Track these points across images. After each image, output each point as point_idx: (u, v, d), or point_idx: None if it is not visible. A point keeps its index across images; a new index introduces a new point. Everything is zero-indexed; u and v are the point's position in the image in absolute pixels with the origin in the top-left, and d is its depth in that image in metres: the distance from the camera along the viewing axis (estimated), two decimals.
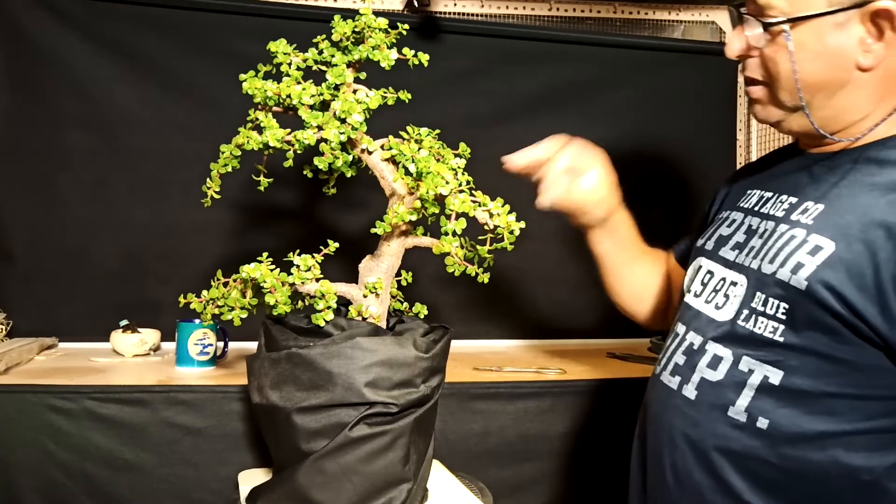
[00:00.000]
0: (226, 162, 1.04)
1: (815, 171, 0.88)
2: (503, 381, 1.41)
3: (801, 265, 0.80)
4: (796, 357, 0.81)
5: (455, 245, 0.96)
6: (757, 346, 0.83)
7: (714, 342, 0.88)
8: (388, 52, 1.01)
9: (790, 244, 0.83)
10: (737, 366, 0.85)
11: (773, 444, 0.81)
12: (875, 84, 0.83)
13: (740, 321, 0.86)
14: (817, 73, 0.83)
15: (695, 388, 0.88)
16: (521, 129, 1.90)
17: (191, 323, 1.42)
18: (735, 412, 0.84)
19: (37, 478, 1.22)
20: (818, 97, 0.84)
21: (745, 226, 0.93)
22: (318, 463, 0.94)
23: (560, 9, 1.95)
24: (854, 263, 0.76)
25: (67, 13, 1.64)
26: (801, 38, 0.82)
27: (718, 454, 0.85)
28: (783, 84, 0.85)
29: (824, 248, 0.79)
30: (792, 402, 0.81)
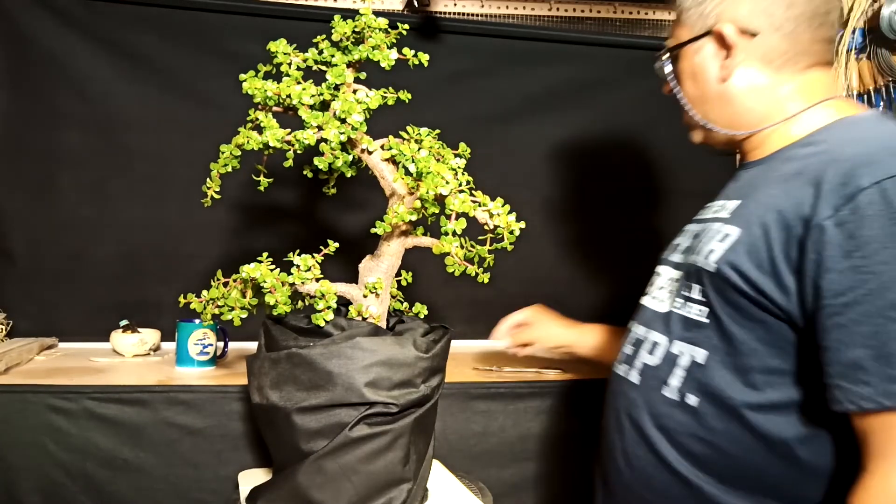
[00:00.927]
0: (226, 162, 1.04)
1: (742, 175, 1.02)
2: (503, 381, 1.41)
3: (712, 251, 0.91)
4: (716, 336, 0.89)
5: (455, 245, 0.96)
6: (686, 329, 0.93)
7: (654, 331, 0.99)
8: (388, 52, 1.01)
9: (709, 236, 0.94)
10: (670, 349, 0.95)
11: (700, 419, 0.90)
12: (747, 92, 0.98)
13: (674, 308, 0.97)
14: (695, 91, 1.02)
15: (638, 374, 0.99)
16: (521, 129, 1.91)
17: (191, 323, 1.42)
18: (669, 392, 0.93)
19: (37, 478, 1.22)
20: (709, 110, 1.01)
21: (690, 232, 1.04)
22: (318, 463, 0.94)
23: (560, 9, 1.95)
24: (752, 245, 0.86)
25: (67, 13, 1.64)
26: (677, 65, 1.03)
27: (655, 430, 0.94)
28: (684, 106, 1.04)
29: (731, 235, 0.90)
30: (715, 378, 0.89)
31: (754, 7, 0.94)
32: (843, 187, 0.80)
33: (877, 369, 0.77)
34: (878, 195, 0.78)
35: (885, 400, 0.76)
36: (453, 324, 1.09)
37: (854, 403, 0.78)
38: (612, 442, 1.01)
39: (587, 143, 1.91)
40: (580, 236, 1.95)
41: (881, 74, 1.52)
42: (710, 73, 0.99)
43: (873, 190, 0.78)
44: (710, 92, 1.00)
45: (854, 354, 0.78)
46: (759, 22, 0.94)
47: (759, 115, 0.98)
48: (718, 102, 1.00)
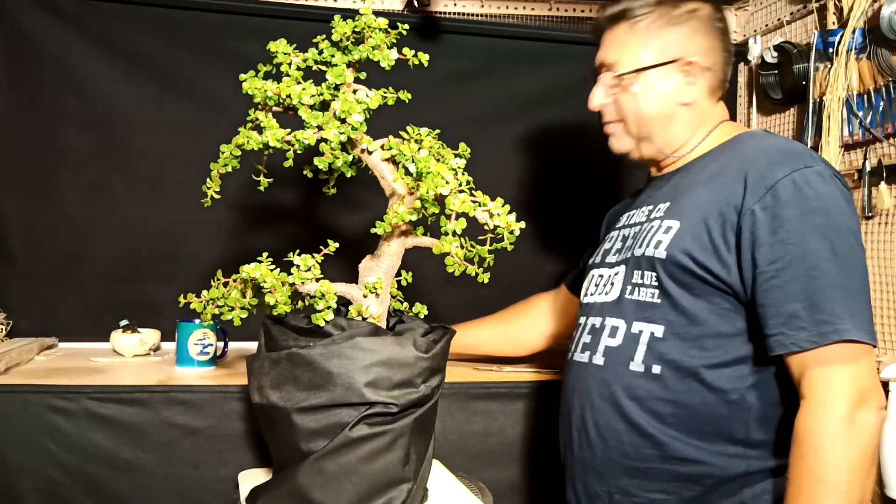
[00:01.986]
0: (226, 162, 1.04)
1: (659, 184, 1.22)
2: (503, 381, 1.41)
3: (660, 242, 1.09)
4: (671, 313, 1.07)
5: (455, 245, 0.96)
6: (641, 311, 1.10)
7: (610, 318, 1.15)
8: (388, 52, 1.01)
9: (650, 232, 1.13)
10: (629, 329, 1.11)
11: (665, 383, 1.06)
12: (692, 116, 1.18)
13: (626, 295, 1.13)
14: (653, 109, 1.17)
15: (602, 356, 1.13)
16: (521, 129, 1.91)
17: (191, 323, 1.42)
18: (635, 365, 1.09)
19: (37, 478, 1.22)
20: (656, 127, 1.18)
21: (620, 235, 1.24)
22: (318, 463, 0.94)
23: (560, 9, 1.95)
24: (694, 231, 1.06)
25: (67, 13, 1.64)
26: (641, 84, 1.17)
27: (628, 401, 1.09)
28: (631, 119, 1.19)
29: (673, 227, 1.09)
30: (674, 347, 1.06)
31: (708, 47, 1.17)
32: (763, 180, 1.02)
33: (809, 317, 0.97)
34: (790, 184, 1.00)
35: (819, 339, 0.96)
36: (453, 324, 1.09)
37: (796, 345, 0.97)
38: (581, 420, 1.14)
39: (587, 142, 1.91)
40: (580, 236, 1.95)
41: (881, 74, 1.52)
42: (672, 96, 1.17)
43: (786, 180, 1.01)
44: (665, 111, 1.17)
45: (790, 308, 0.98)
46: (712, 60, 1.18)
47: (689, 136, 1.19)
48: (667, 121, 1.18)
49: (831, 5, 1.65)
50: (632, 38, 1.18)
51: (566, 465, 1.20)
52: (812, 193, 1.00)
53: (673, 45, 1.16)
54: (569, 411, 1.18)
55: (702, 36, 1.17)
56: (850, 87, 1.57)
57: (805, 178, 1.01)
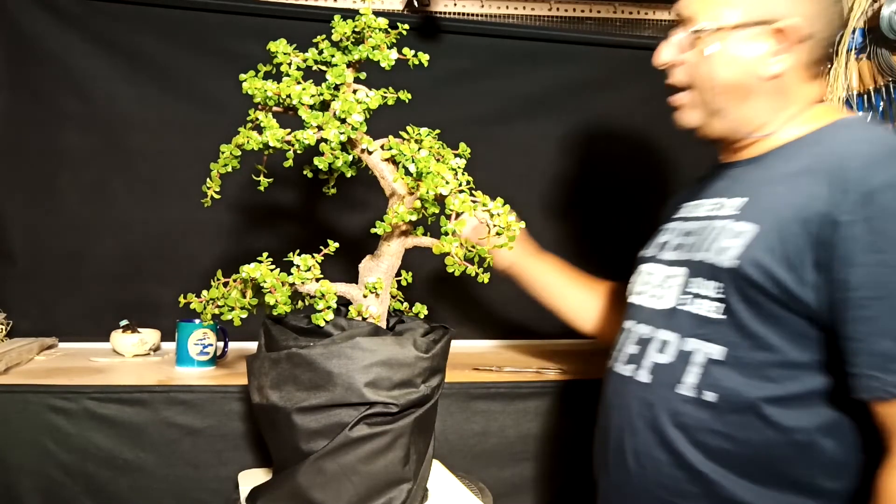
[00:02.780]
0: (226, 162, 1.04)
1: (733, 173, 1.03)
2: (503, 381, 1.41)
3: (727, 248, 0.92)
4: (733, 332, 0.91)
5: (455, 245, 0.96)
6: (698, 327, 0.94)
7: (661, 329, 0.99)
8: (388, 52, 1.01)
9: (717, 234, 0.96)
10: (683, 347, 0.95)
11: (719, 414, 0.91)
12: (775, 93, 0.98)
13: (680, 306, 0.97)
14: (731, 78, 0.97)
15: (648, 373, 0.99)
16: (521, 129, 1.91)
17: (191, 323, 1.42)
18: (685, 389, 0.94)
19: (37, 478, 1.22)
20: (731, 102, 0.98)
21: (680, 231, 1.06)
22: (318, 463, 0.94)
23: (560, 9, 1.95)
24: (770, 240, 0.88)
25: (67, 13, 1.63)
26: (719, 46, 0.97)
27: (674, 429, 0.94)
28: (703, 88, 0.99)
29: (746, 232, 0.91)
30: (733, 373, 0.90)
31: (813, 12, 0.94)
32: (862, 183, 0.83)
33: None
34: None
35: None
36: (453, 324, 1.09)
37: (886, 391, 0.81)
38: (619, 442, 1.01)
39: (587, 142, 1.91)
40: (580, 236, 1.95)
41: (881, 74, 1.52)
42: (755, 66, 0.96)
43: (892, 187, 0.82)
44: (745, 84, 0.97)
45: (883, 346, 0.81)
46: (818, 26, 0.95)
47: (773, 116, 0.98)
48: (748, 96, 0.98)
49: None
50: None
51: (599, 485, 1.08)
52: None
53: (766, 2, 0.95)
54: (606, 429, 1.06)
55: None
56: (850, 87, 1.57)
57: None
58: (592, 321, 1.36)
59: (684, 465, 0.93)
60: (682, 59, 1.02)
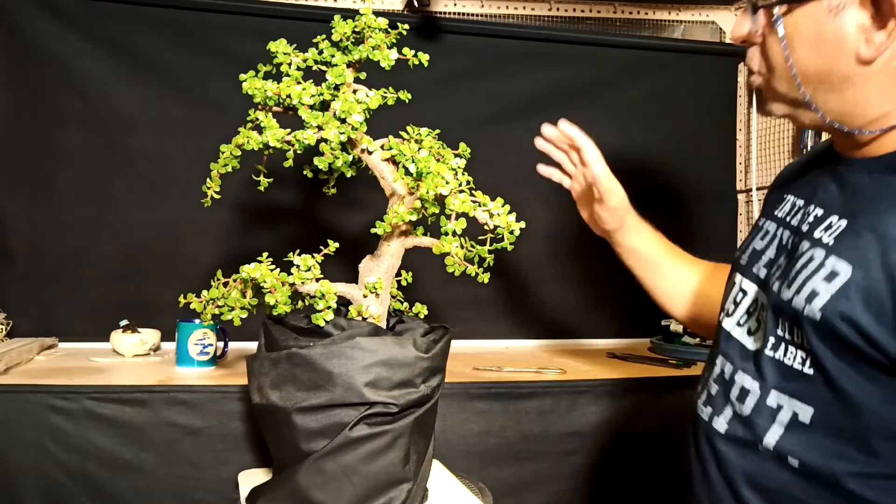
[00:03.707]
0: (226, 162, 1.04)
1: (846, 178, 0.82)
2: (503, 381, 1.41)
3: (815, 293, 0.75)
4: (825, 391, 0.75)
5: (455, 245, 0.96)
6: (785, 379, 0.79)
7: (743, 372, 0.85)
8: (388, 52, 1.01)
9: (808, 267, 0.78)
10: (765, 400, 0.81)
11: (805, 482, 0.77)
12: (884, 80, 0.75)
13: (768, 350, 0.81)
14: (813, 63, 0.76)
15: (726, 422, 0.85)
16: (521, 129, 1.90)
17: (191, 323, 1.42)
18: (765, 449, 0.80)
19: (37, 478, 1.22)
20: (820, 90, 0.77)
21: (777, 239, 0.89)
22: (318, 463, 0.94)
23: (560, 9, 1.95)
24: (871, 290, 0.71)
25: (67, 13, 1.64)
26: (796, 23, 0.76)
27: (750, 491, 0.81)
28: (779, 74, 0.79)
29: (840, 274, 0.73)
30: (824, 441, 0.75)
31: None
32: None
33: None
34: None
35: None
36: (453, 324, 1.09)
37: None
38: (698, 492, 0.89)
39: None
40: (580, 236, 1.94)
41: None
42: (849, 47, 0.74)
43: None
44: (839, 70, 0.75)
45: None
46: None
47: (884, 108, 0.76)
48: (843, 86, 0.76)
49: None
50: None
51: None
52: None
53: None
54: (686, 472, 0.93)
55: None
56: None
57: None
58: (685, 306, 1.18)
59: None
60: (758, 36, 0.81)
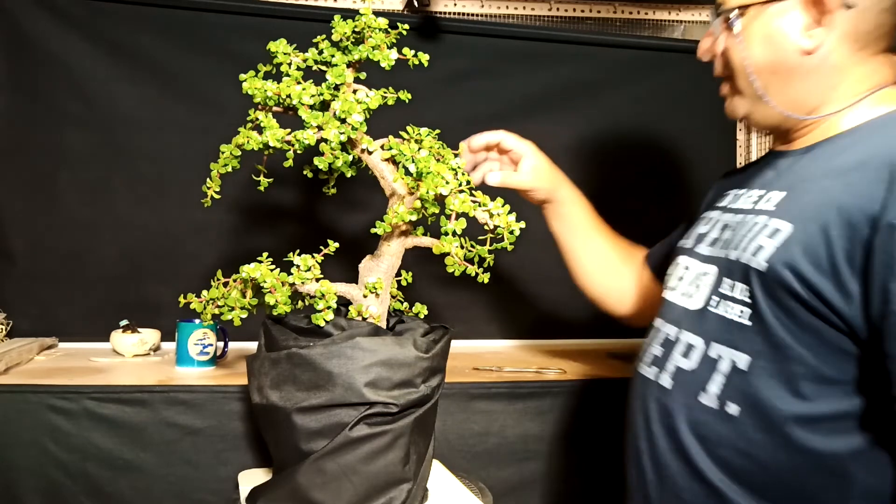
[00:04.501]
0: (226, 162, 1.04)
1: (781, 164, 0.95)
2: (503, 381, 1.41)
3: (761, 248, 0.84)
4: (762, 341, 0.83)
5: (455, 245, 0.96)
6: (725, 332, 0.87)
7: (687, 331, 0.93)
8: (388, 52, 1.01)
9: (753, 230, 0.88)
10: (707, 353, 0.89)
11: (742, 430, 0.84)
12: (828, 73, 0.89)
13: (710, 307, 0.90)
14: (766, 57, 0.91)
15: (670, 378, 0.93)
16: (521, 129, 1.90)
17: (191, 323, 1.42)
18: (707, 399, 0.87)
19: (37, 478, 1.22)
20: (773, 82, 0.91)
21: (720, 222, 0.99)
22: (318, 463, 0.94)
23: (560, 9, 1.95)
24: (810, 243, 0.80)
25: (67, 13, 1.64)
26: (749, 25, 0.91)
27: (693, 440, 0.88)
28: (738, 72, 0.94)
29: (782, 231, 0.83)
30: (758, 387, 0.83)
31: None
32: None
33: None
34: None
35: None
36: (453, 324, 1.09)
37: None
38: (638, 449, 0.96)
39: (587, 142, 1.91)
40: None
41: None
42: (792, 42, 0.89)
43: None
44: (785, 62, 0.90)
45: None
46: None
47: (825, 98, 0.90)
48: (789, 76, 0.90)
49: None
50: None
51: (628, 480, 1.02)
52: None
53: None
54: (630, 428, 1.01)
55: None
56: None
57: None
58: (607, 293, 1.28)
59: (703, 480, 0.87)
60: (719, 47, 0.96)
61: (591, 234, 1.27)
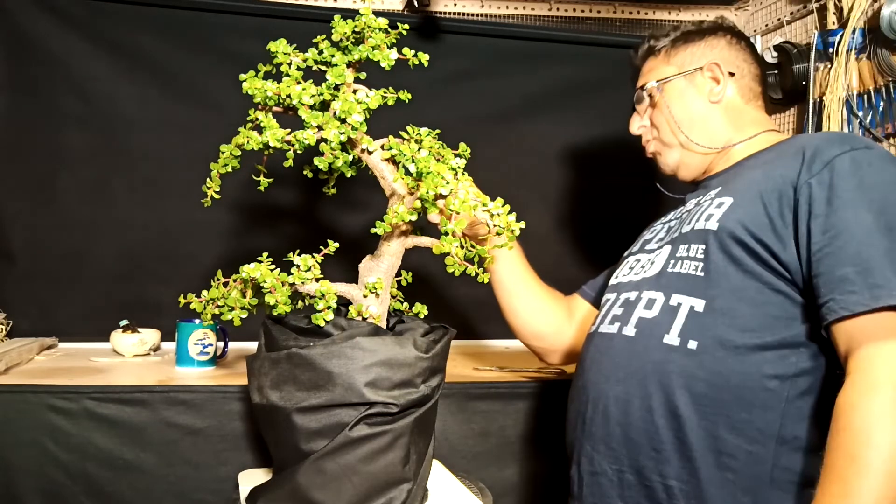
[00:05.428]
0: (226, 162, 1.04)
1: (708, 182, 1.20)
2: (503, 381, 1.41)
3: (711, 215, 1.07)
4: (714, 287, 1.03)
5: (455, 245, 0.96)
6: (683, 284, 1.06)
7: (647, 290, 1.10)
8: (388, 52, 1.01)
9: (701, 208, 1.11)
10: (668, 302, 1.06)
11: (700, 360, 1.01)
12: (729, 113, 1.22)
13: (668, 269, 1.09)
14: (685, 112, 1.22)
15: (634, 327, 1.09)
16: (521, 129, 1.91)
17: (191, 323, 1.42)
18: (669, 339, 1.04)
19: (37, 478, 1.22)
20: (693, 129, 1.22)
21: (664, 227, 1.23)
22: (318, 463, 0.94)
23: (560, 9, 1.95)
24: (749, 208, 1.03)
25: (67, 13, 1.64)
26: (670, 91, 1.24)
27: (659, 375, 1.03)
28: (665, 129, 1.23)
29: (726, 202, 1.07)
30: (714, 324, 1.01)
31: (730, 57, 1.24)
32: (821, 156, 1.01)
33: (861, 280, 0.92)
34: (848, 160, 1.00)
35: (871, 301, 0.91)
36: (453, 324, 1.09)
37: (846, 309, 0.92)
38: (599, 393, 1.09)
39: (587, 142, 1.91)
40: (580, 236, 1.95)
41: (881, 74, 1.52)
42: (702, 96, 1.22)
43: (845, 156, 1.00)
44: (698, 112, 1.22)
45: (842, 272, 0.94)
46: (736, 66, 1.23)
47: (732, 132, 1.21)
48: (704, 121, 1.22)
49: (831, 5, 1.66)
50: (656, 62, 1.27)
51: (574, 443, 1.14)
52: (869, 171, 0.99)
53: (693, 57, 1.24)
54: (584, 386, 1.13)
55: (721, 49, 1.24)
56: (850, 88, 1.57)
57: (864, 157, 1.00)
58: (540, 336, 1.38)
59: (668, 410, 1.01)
60: (646, 120, 1.26)
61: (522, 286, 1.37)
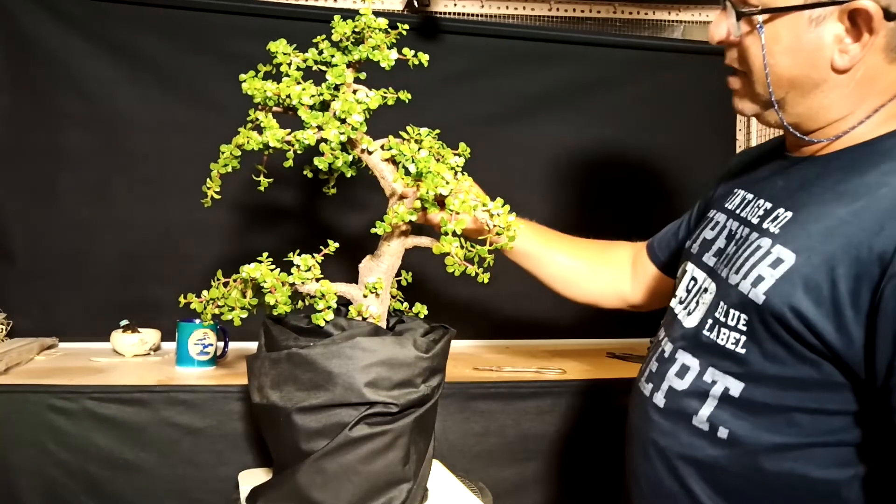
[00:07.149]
0: (226, 162, 1.04)
1: (792, 174, 0.88)
2: (503, 381, 1.41)
3: (761, 278, 0.80)
4: (756, 370, 0.81)
5: (455, 245, 0.96)
6: (720, 357, 0.84)
7: (683, 351, 0.91)
8: (388, 53, 1.01)
9: (755, 255, 0.83)
10: (702, 376, 0.86)
11: (733, 453, 0.82)
12: (853, 86, 0.80)
13: (705, 331, 0.88)
14: (789, 69, 0.81)
15: (663, 396, 0.91)
16: (521, 129, 1.91)
17: (191, 323, 1.42)
18: (698, 421, 0.85)
19: (37, 478, 1.22)
20: (791, 94, 0.83)
21: (726, 230, 0.95)
22: (318, 463, 0.94)
23: (560, 9, 1.95)
24: (812, 277, 0.76)
25: (67, 13, 1.64)
26: (776, 30, 0.80)
27: (683, 462, 0.86)
28: (757, 77, 0.84)
29: (785, 261, 0.79)
30: (751, 413, 0.81)
31: None
32: None
33: None
34: None
35: None
36: (453, 324, 1.09)
37: None
38: (633, 461, 0.95)
39: (587, 142, 1.91)
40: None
41: None
42: (825, 57, 0.79)
43: None
44: (811, 77, 0.81)
45: None
46: None
47: (845, 111, 0.82)
48: (813, 92, 0.82)
49: None
50: None
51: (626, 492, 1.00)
52: None
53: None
54: (629, 441, 0.99)
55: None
56: None
57: None
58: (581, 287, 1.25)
59: (694, 501, 0.86)
60: (737, 38, 0.84)
61: (546, 253, 1.24)
